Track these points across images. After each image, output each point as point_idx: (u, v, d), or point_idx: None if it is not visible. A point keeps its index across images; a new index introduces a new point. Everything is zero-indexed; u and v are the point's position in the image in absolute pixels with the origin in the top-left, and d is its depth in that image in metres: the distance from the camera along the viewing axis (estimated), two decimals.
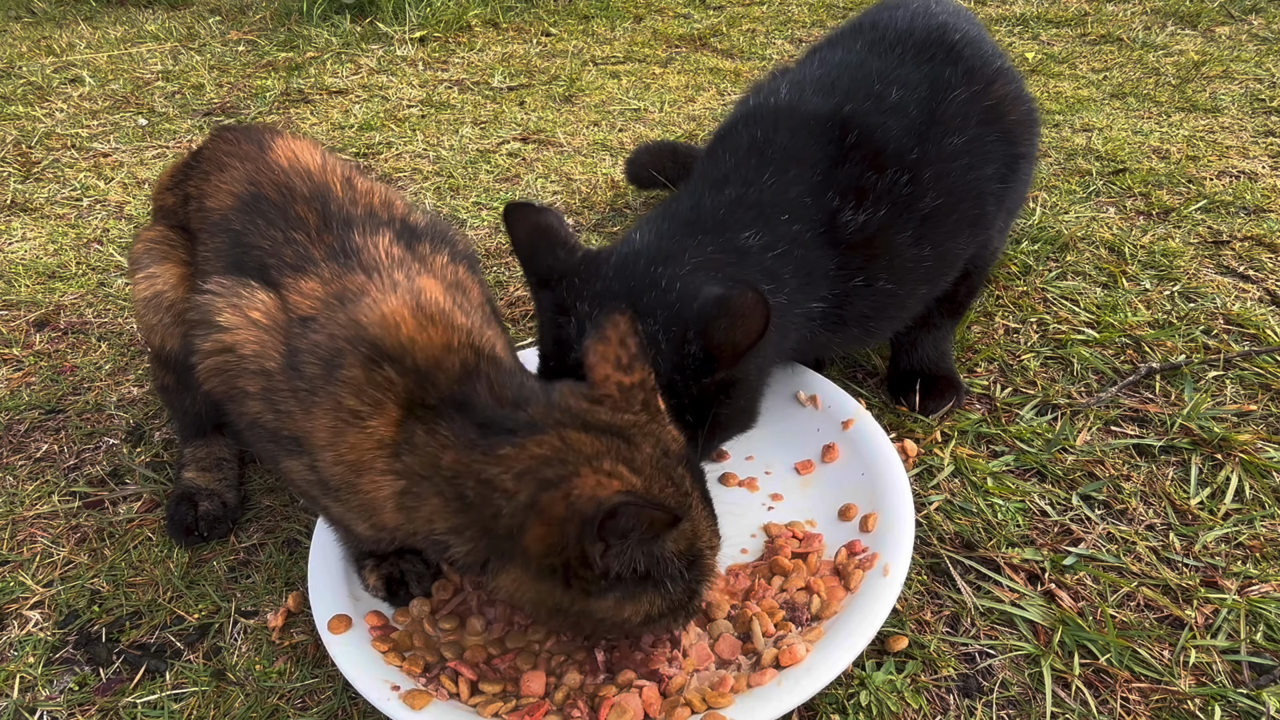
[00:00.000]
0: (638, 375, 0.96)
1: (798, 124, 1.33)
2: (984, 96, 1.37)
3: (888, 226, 1.29)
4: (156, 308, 1.28)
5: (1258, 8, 3.23)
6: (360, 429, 0.94)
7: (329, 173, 1.18)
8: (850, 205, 1.27)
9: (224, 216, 1.16)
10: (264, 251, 1.08)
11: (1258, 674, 1.06)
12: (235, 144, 1.24)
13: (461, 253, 1.15)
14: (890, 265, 1.31)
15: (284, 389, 0.99)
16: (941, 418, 1.47)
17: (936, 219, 1.31)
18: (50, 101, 3.08)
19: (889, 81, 1.36)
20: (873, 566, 1.13)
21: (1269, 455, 1.34)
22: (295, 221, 1.10)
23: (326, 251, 1.06)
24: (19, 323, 1.88)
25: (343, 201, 1.13)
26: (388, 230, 1.10)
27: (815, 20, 3.56)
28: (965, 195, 1.34)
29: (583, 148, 2.58)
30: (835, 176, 1.28)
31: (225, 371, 1.04)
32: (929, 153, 1.31)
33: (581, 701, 1.01)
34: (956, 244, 1.37)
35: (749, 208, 1.26)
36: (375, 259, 1.05)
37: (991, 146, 1.37)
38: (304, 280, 1.03)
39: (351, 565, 1.20)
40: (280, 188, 1.14)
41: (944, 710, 1.05)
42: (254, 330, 1.02)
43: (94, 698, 1.13)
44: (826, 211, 1.27)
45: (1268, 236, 1.87)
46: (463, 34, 3.64)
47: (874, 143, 1.29)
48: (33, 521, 1.39)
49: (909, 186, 1.29)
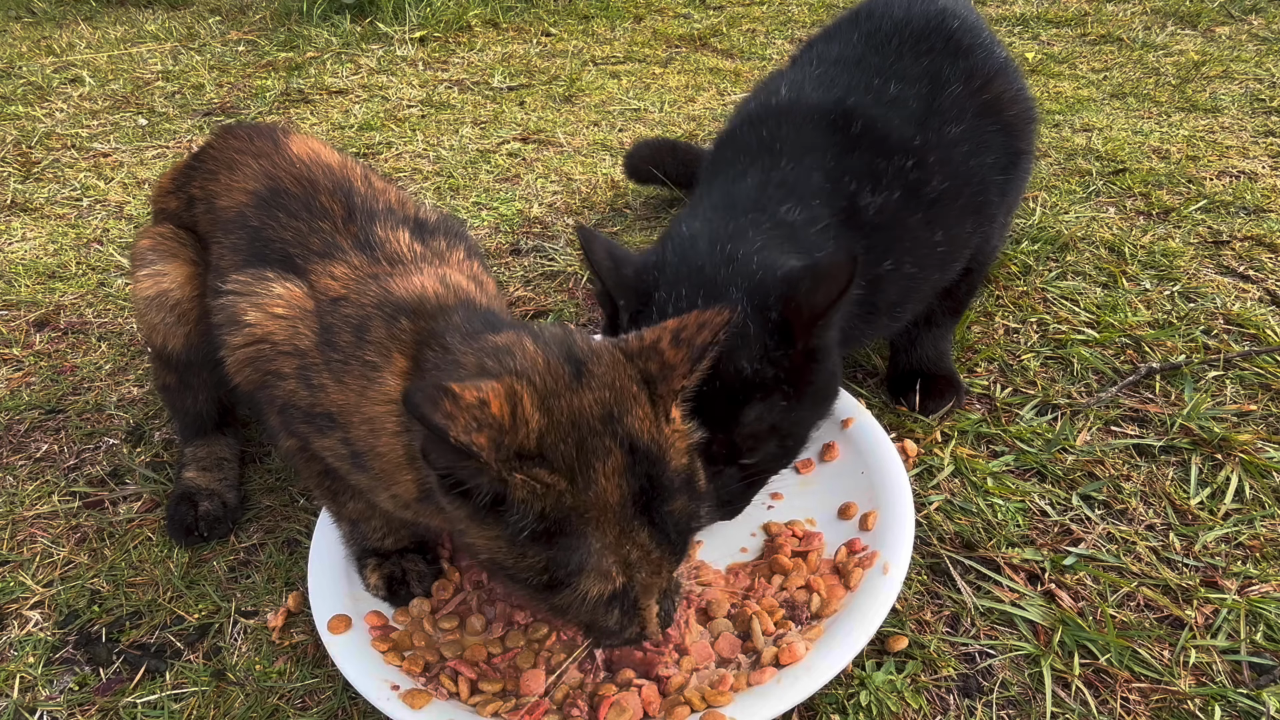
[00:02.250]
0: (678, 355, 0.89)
1: (803, 118, 1.34)
2: (982, 92, 1.39)
3: (902, 209, 1.30)
4: (160, 306, 1.28)
5: (1258, 8, 3.22)
6: (375, 382, 0.96)
7: (349, 169, 1.20)
8: (867, 188, 1.28)
9: (239, 213, 1.17)
10: (286, 242, 1.09)
11: (1258, 674, 1.06)
12: (247, 141, 1.24)
13: (474, 249, 1.17)
14: (912, 249, 1.31)
15: (318, 364, 1.00)
16: (941, 418, 1.47)
17: (944, 203, 1.33)
18: (50, 101, 3.08)
19: (888, 75, 1.37)
20: (872, 565, 1.13)
21: (1269, 455, 1.34)
22: (320, 212, 1.11)
23: (353, 241, 1.08)
24: (19, 323, 1.88)
25: (365, 196, 1.14)
26: (405, 227, 1.12)
27: (815, 20, 3.56)
28: (969, 181, 1.36)
29: (583, 148, 2.58)
30: (848, 163, 1.29)
31: (258, 359, 1.05)
32: (930, 140, 1.32)
33: (581, 700, 1.01)
34: (963, 230, 1.38)
35: (778, 187, 1.26)
36: (398, 252, 1.08)
37: (990, 137, 1.38)
38: (333, 266, 1.05)
39: (353, 564, 1.21)
40: (301, 180, 1.15)
41: (944, 710, 1.05)
42: (281, 321, 1.03)
43: (94, 698, 1.13)
44: (846, 194, 1.28)
45: (1268, 236, 1.87)
46: (463, 34, 3.65)
47: (878, 130, 1.31)
48: (33, 521, 1.39)
49: (915, 171, 1.30)
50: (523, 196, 2.31)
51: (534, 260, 2.02)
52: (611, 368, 0.88)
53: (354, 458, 1.01)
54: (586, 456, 0.84)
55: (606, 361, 0.89)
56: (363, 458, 0.99)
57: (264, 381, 1.06)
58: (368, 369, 0.96)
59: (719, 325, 0.89)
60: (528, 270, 1.98)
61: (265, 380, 1.06)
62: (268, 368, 1.05)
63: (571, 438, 0.84)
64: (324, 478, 1.12)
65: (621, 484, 0.85)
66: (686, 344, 0.89)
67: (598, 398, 0.86)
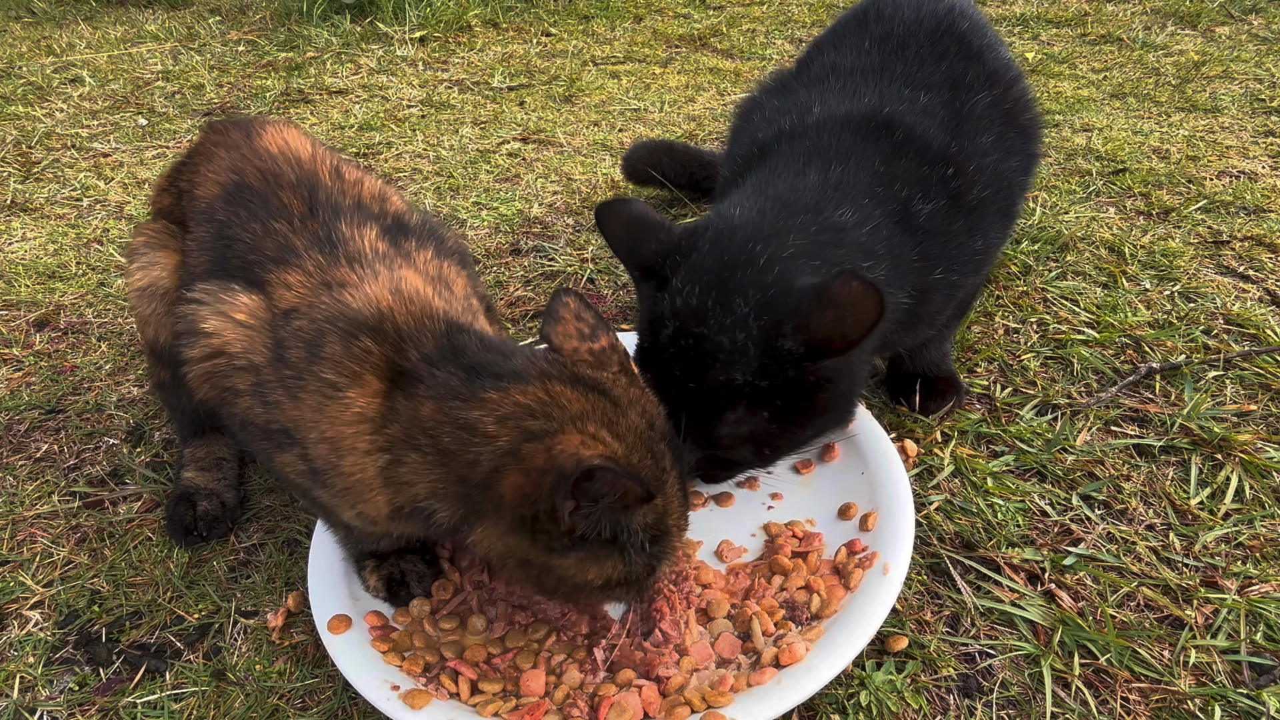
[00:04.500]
0: (604, 341, 0.99)
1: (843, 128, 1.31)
2: (1004, 100, 1.40)
3: (950, 217, 1.29)
4: (150, 297, 1.26)
5: (1258, 8, 3.23)
6: (338, 401, 0.94)
7: (318, 162, 1.17)
8: (919, 195, 1.26)
9: (209, 205, 1.16)
10: (246, 247, 1.08)
11: (1258, 674, 1.06)
12: (223, 134, 1.24)
13: (450, 249, 1.15)
14: (957, 256, 1.31)
15: (272, 380, 0.99)
16: (942, 418, 1.47)
17: (981, 210, 1.32)
18: (50, 101, 3.08)
19: (914, 84, 1.36)
20: (872, 565, 1.13)
21: (1269, 455, 1.34)
22: (278, 210, 1.09)
23: (310, 240, 1.06)
24: (19, 323, 1.88)
25: (331, 190, 1.13)
26: (375, 224, 1.10)
27: (815, 20, 3.56)
28: (1001, 187, 1.36)
29: (583, 148, 2.58)
30: (898, 169, 1.28)
31: (215, 374, 1.04)
32: (966, 148, 1.32)
33: (581, 701, 1.01)
34: (995, 235, 1.38)
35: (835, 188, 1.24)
36: (360, 250, 1.05)
37: (1014, 141, 1.39)
38: (287, 273, 1.03)
39: (352, 565, 1.20)
40: (266, 174, 1.14)
41: (944, 710, 1.05)
42: (240, 329, 1.02)
43: (94, 698, 1.13)
44: (899, 200, 1.26)
45: (1268, 236, 1.87)
46: (463, 34, 3.65)
47: (919, 139, 1.30)
48: (33, 521, 1.39)
49: (957, 180, 1.29)
50: (523, 196, 2.31)
51: (534, 260, 2.02)
52: (615, 381, 0.97)
53: (313, 474, 1.00)
54: (660, 461, 0.94)
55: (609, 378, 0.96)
56: (323, 475, 0.98)
57: (222, 397, 1.05)
58: (325, 386, 0.94)
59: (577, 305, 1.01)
60: (528, 270, 1.98)
61: (223, 396, 1.05)
62: (224, 383, 1.03)
63: (648, 455, 0.93)
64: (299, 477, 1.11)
65: (676, 470, 0.97)
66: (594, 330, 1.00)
67: (637, 411, 0.95)
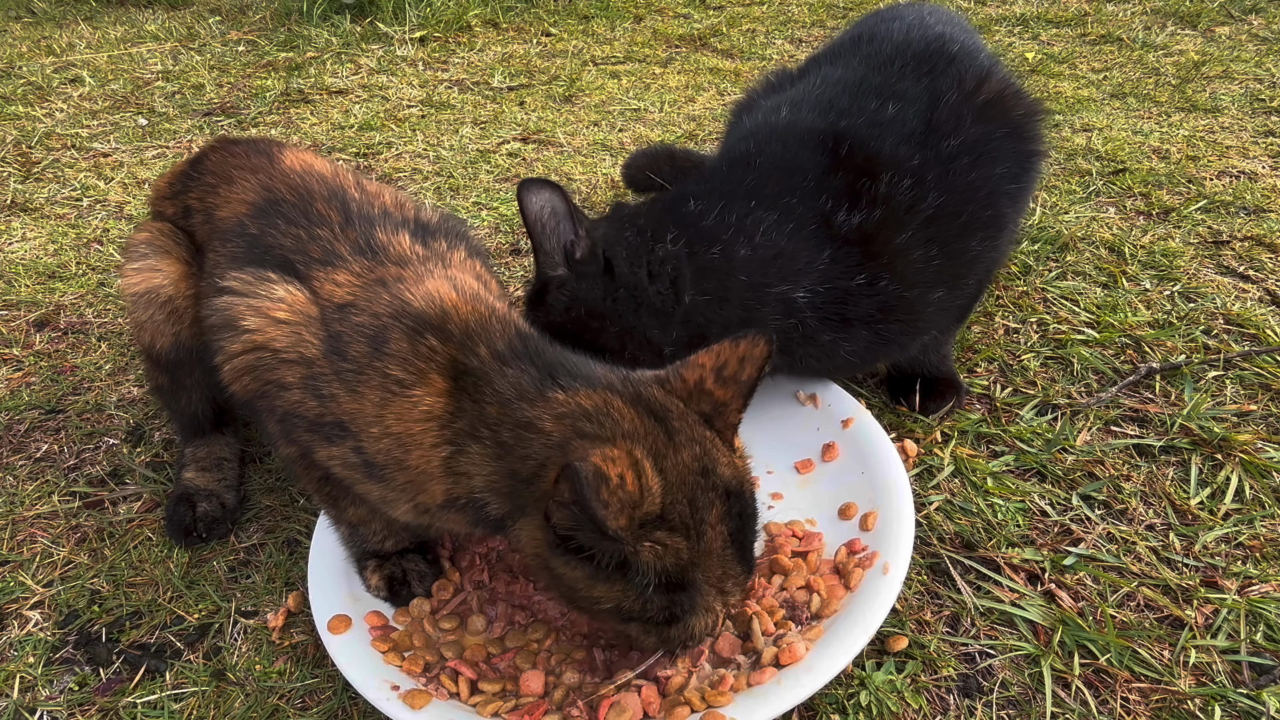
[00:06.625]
0: (728, 394, 0.95)
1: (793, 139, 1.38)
2: (976, 95, 1.38)
3: (886, 228, 1.30)
4: (150, 303, 1.26)
5: (1258, 8, 3.22)
6: (405, 398, 0.95)
7: (340, 177, 1.21)
8: (844, 208, 1.31)
9: (238, 223, 1.17)
10: (287, 249, 1.09)
11: (1258, 674, 1.06)
12: (243, 158, 1.26)
13: (476, 248, 1.18)
14: (893, 266, 1.31)
15: (327, 374, 0.99)
16: (941, 418, 1.47)
17: (942, 221, 1.32)
18: (50, 101, 3.08)
19: (886, 96, 1.39)
20: (872, 565, 1.12)
21: (1269, 455, 1.34)
22: (318, 219, 1.11)
23: (353, 247, 1.08)
24: (19, 323, 1.88)
25: (360, 202, 1.15)
26: (405, 229, 1.12)
27: (815, 20, 3.56)
28: (972, 196, 1.34)
29: (583, 148, 2.58)
30: (828, 183, 1.32)
31: (258, 368, 1.04)
32: (928, 157, 1.32)
33: (581, 701, 1.01)
34: (968, 245, 1.36)
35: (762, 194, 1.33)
36: (402, 254, 1.08)
37: (997, 145, 1.36)
38: (335, 272, 1.05)
39: (353, 565, 1.20)
40: (297, 190, 1.16)
41: (944, 710, 1.05)
42: (283, 326, 1.03)
43: (94, 698, 1.13)
44: (820, 212, 1.31)
45: (1268, 236, 1.87)
46: (463, 34, 3.65)
47: (866, 152, 1.32)
48: (33, 521, 1.39)
49: (911, 190, 1.30)
50: None
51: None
52: (682, 417, 0.93)
53: (366, 468, 1.00)
54: (698, 512, 0.90)
55: (677, 412, 0.93)
56: (381, 469, 0.99)
57: (264, 390, 1.05)
58: (391, 383, 0.96)
59: (761, 360, 0.95)
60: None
61: (265, 389, 1.05)
62: (269, 376, 1.03)
63: (685, 497, 0.89)
64: (324, 484, 1.11)
65: (723, 529, 0.92)
66: (733, 381, 0.95)
67: (692, 453, 0.91)
